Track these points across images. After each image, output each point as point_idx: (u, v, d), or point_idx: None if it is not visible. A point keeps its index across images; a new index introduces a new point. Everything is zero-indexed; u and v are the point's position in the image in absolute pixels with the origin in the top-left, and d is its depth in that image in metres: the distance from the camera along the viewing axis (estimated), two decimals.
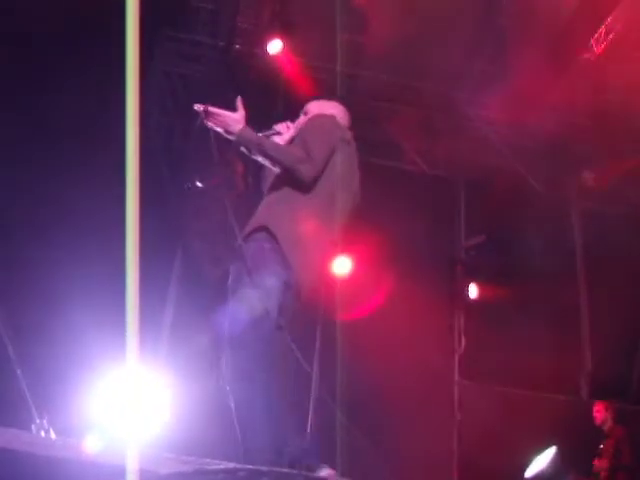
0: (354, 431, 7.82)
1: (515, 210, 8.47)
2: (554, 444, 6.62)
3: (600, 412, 7.54)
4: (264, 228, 3.42)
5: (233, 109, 3.59)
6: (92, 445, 2.73)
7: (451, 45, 8.40)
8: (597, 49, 8.02)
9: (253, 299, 3.28)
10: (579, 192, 9.56)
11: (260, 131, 3.68)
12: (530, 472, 6.44)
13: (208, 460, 3.15)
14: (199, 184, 7.24)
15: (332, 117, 3.71)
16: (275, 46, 8.24)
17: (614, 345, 8.95)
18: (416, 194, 9.04)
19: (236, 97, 3.65)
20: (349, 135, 3.74)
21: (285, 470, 2.96)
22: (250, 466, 2.78)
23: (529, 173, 9.27)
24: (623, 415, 7.75)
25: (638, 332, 9.16)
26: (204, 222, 8.41)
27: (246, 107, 3.52)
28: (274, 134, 3.80)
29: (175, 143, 8.46)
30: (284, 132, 3.83)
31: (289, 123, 3.89)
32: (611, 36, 7.88)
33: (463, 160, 9.34)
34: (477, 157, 9.16)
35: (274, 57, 8.29)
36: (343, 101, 3.97)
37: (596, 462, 7.29)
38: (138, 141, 1.72)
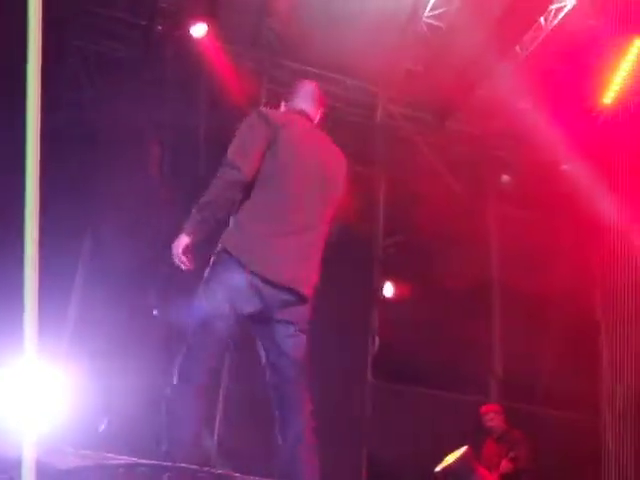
0: (263, 429, 7.67)
1: (434, 210, 8.46)
2: (464, 444, 6.62)
3: (491, 416, 7.45)
4: (219, 249, 3.44)
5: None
6: None
7: (378, 44, 8.32)
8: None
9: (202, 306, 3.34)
10: (496, 195, 9.68)
11: None
12: (439, 467, 6.44)
13: (108, 455, 3.02)
14: None
15: (252, 114, 3.57)
16: (199, 29, 8.05)
17: (522, 349, 9.09)
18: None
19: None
20: (284, 119, 3.58)
21: (187, 466, 2.82)
22: (151, 461, 2.67)
23: (450, 174, 9.31)
24: (531, 418, 7.83)
25: (545, 337, 9.33)
26: (115, 211, 8.10)
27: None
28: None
29: (87, 123, 8.10)
30: None
31: None
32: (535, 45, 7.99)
33: (384, 158, 9.31)
34: (398, 156, 9.14)
35: (198, 41, 8.07)
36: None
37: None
38: (39, 120, 1.58)
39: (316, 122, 3.84)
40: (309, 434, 3.37)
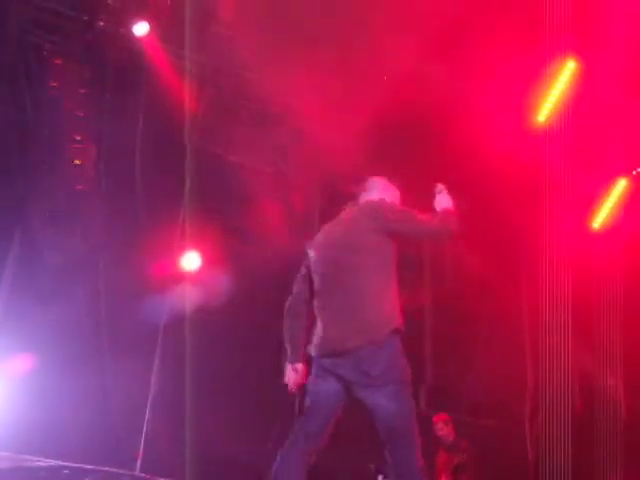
0: (193, 435, 7.67)
1: None
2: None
3: (440, 426, 7.63)
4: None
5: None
6: None
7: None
8: None
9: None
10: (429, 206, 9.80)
11: None
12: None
13: (29, 457, 2.99)
14: None
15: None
16: (141, 28, 7.99)
17: (452, 360, 9.28)
18: (273, 195, 8.98)
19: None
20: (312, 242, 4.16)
21: (109, 469, 2.83)
22: (73, 464, 2.67)
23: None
24: (458, 426, 7.99)
25: (474, 349, 9.54)
26: (48, 204, 7.99)
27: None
28: None
29: (25, 116, 7.96)
30: None
31: None
32: None
33: (322, 164, 9.36)
34: (335, 161, 9.20)
35: (139, 39, 8.01)
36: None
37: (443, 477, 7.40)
38: None
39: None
40: None
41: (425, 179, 8.93)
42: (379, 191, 4.17)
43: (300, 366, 3.95)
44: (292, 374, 3.97)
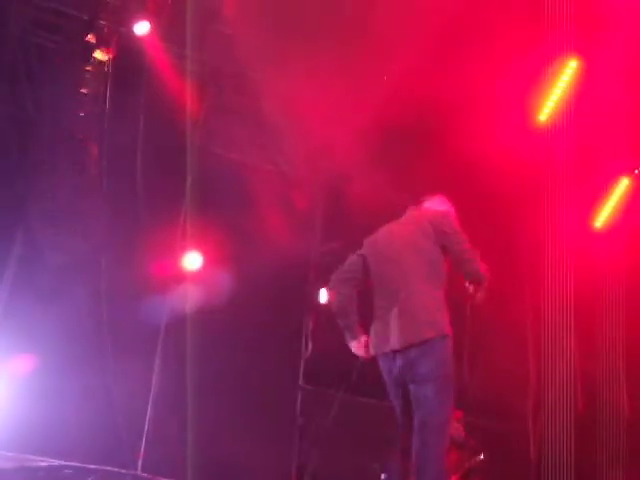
0: (194, 435, 7.65)
1: (371, 217, 8.54)
2: (391, 451, 6.69)
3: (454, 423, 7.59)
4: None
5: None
6: None
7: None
8: None
9: None
10: None
11: None
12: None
13: (31, 457, 2.97)
14: None
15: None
16: (142, 27, 7.97)
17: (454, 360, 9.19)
18: (275, 194, 8.97)
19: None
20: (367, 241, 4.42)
21: (110, 468, 2.82)
22: (75, 464, 2.64)
23: (388, 182, 9.39)
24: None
25: (476, 349, 9.52)
26: (49, 204, 7.98)
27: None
28: None
29: (26, 116, 7.95)
30: None
31: None
32: None
33: (323, 164, 9.35)
34: (338, 162, 9.19)
35: (140, 38, 8.00)
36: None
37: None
38: None
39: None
40: None
41: (426, 179, 8.99)
42: (438, 204, 4.49)
43: (362, 338, 4.25)
44: (357, 346, 4.27)
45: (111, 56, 7.99)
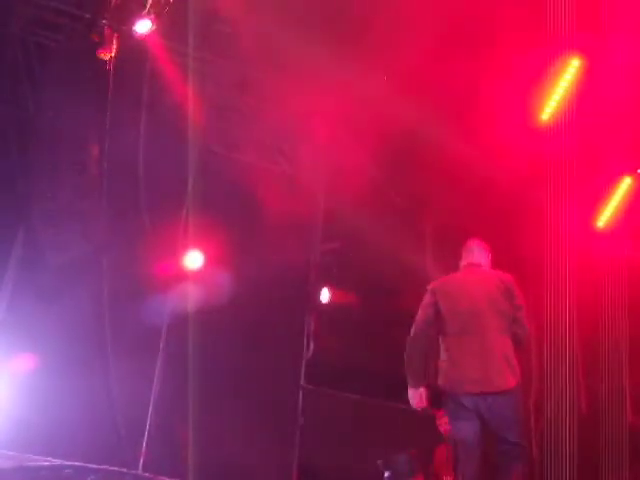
0: (196, 434, 7.65)
1: (372, 218, 8.54)
2: (394, 450, 6.70)
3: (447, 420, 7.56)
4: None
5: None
6: None
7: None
8: None
9: None
10: (433, 207, 9.80)
11: None
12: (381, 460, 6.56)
13: (32, 456, 2.97)
14: None
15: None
16: (144, 26, 7.95)
17: None
18: (276, 194, 8.96)
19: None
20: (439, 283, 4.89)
21: (113, 468, 2.81)
22: (76, 463, 2.64)
23: (388, 182, 9.38)
24: None
25: None
26: (49, 204, 7.97)
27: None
28: None
29: (27, 116, 7.94)
30: None
31: None
32: None
33: (325, 164, 9.34)
34: (339, 161, 9.18)
35: (142, 37, 7.99)
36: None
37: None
38: None
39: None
40: None
41: (428, 179, 8.98)
42: (481, 254, 5.04)
43: (423, 390, 4.62)
44: (417, 397, 4.62)
45: (112, 55, 7.97)
